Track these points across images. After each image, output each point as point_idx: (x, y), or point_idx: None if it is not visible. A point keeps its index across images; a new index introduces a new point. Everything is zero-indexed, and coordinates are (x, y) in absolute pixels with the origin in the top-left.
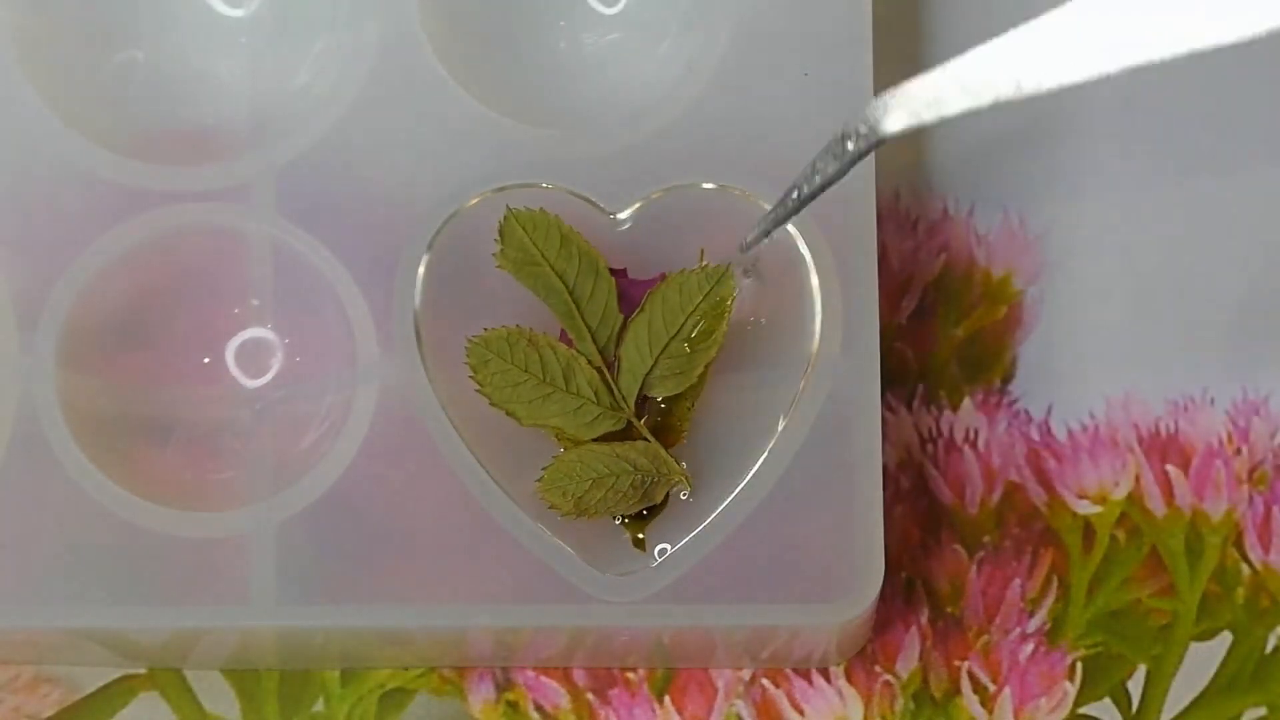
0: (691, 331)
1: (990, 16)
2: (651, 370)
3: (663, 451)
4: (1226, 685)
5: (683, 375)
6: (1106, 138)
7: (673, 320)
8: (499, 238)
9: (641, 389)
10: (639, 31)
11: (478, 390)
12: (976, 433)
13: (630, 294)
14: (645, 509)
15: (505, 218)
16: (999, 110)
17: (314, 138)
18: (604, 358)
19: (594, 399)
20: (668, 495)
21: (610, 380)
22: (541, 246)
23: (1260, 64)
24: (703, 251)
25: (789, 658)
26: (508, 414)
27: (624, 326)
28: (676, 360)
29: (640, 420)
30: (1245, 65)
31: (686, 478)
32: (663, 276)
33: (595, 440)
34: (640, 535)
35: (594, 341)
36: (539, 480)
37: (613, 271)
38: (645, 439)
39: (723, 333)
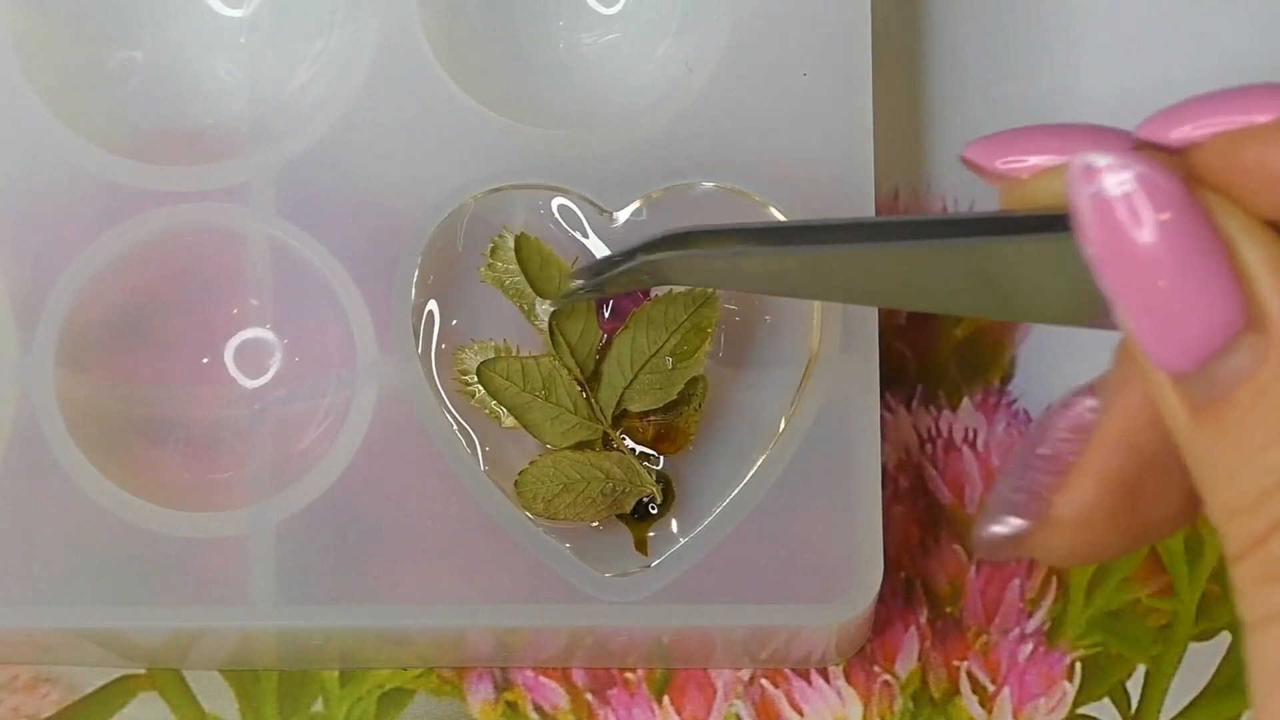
0: (674, 349)
1: (990, 16)
2: (631, 384)
3: (636, 463)
4: (1225, 685)
5: (662, 390)
6: None
7: (656, 337)
8: (488, 253)
9: (621, 402)
10: (638, 31)
11: (460, 390)
12: (975, 433)
13: (633, 295)
14: (647, 511)
15: (500, 235)
16: (997, 109)
17: (313, 138)
18: (584, 372)
19: (572, 409)
20: (671, 497)
21: (589, 392)
22: (525, 267)
23: (1261, 66)
24: None
25: (788, 658)
26: (488, 415)
27: (608, 342)
28: (657, 375)
29: (618, 431)
30: (1245, 65)
31: (656, 491)
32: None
33: (572, 448)
34: (644, 538)
35: (574, 356)
36: (514, 482)
37: None
38: (619, 450)
39: (705, 351)
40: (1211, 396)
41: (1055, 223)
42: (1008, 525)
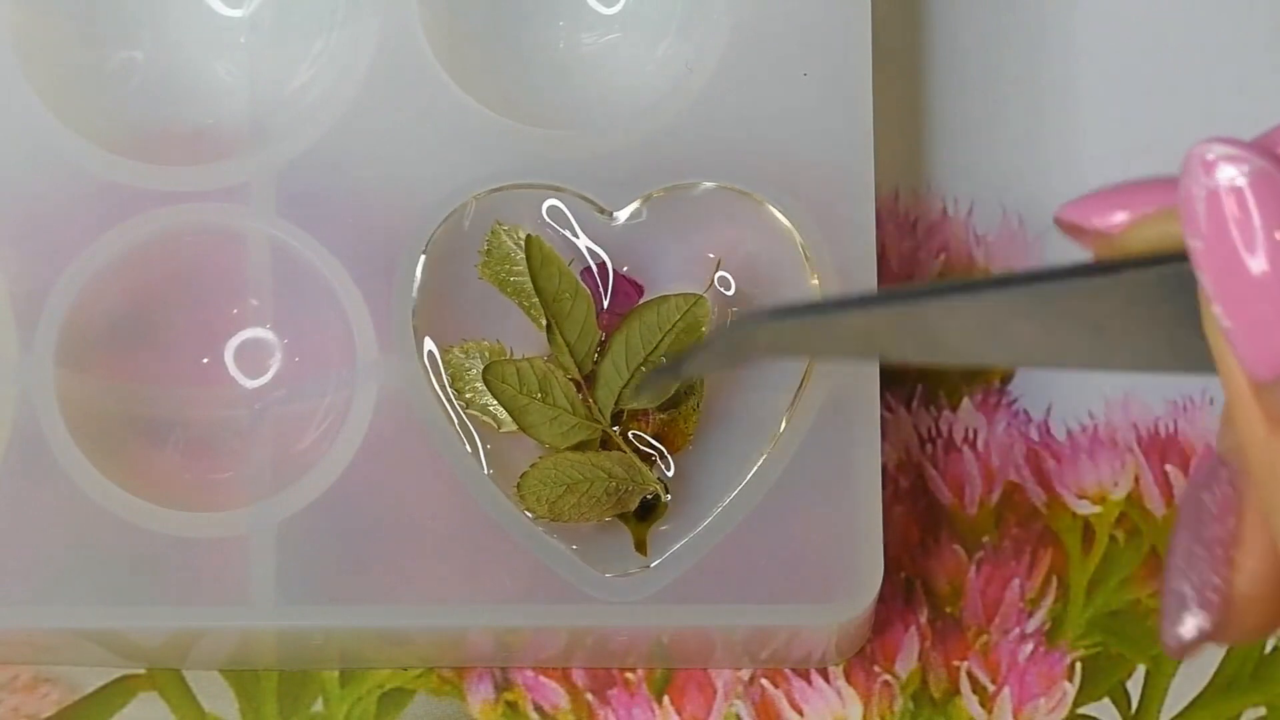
0: (668, 348)
1: (990, 16)
2: (627, 384)
3: (637, 460)
4: (1226, 685)
5: (658, 390)
6: (1106, 137)
7: (650, 338)
8: (484, 250)
9: (618, 402)
10: (638, 31)
11: (454, 398)
12: (976, 433)
13: (629, 294)
14: (645, 511)
15: (493, 231)
16: (997, 108)
17: (313, 138)
18: (581, 371)
19: (570, 410)
20: (666, 497)
21: (586, 393)
22: (526, 263)
23: (1265, 69)
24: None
25: (788, 658)
26: (486, 421)
27: (604, 342)
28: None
29: (616, 430)
30: (1245, 65)
31: (661, 486)
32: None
33: (572, 448)
34: (644, 538)
35: (572, 356)
36: (516, 485)
37: (609, 271)
38: (620, 449)
39: None
40: None
41: (1156, 260)
42: (1196, 623)
